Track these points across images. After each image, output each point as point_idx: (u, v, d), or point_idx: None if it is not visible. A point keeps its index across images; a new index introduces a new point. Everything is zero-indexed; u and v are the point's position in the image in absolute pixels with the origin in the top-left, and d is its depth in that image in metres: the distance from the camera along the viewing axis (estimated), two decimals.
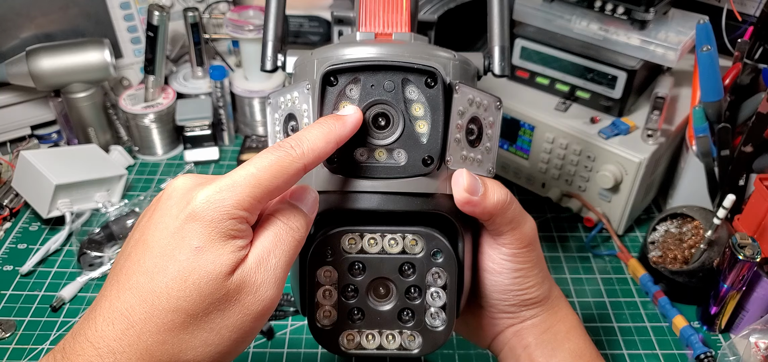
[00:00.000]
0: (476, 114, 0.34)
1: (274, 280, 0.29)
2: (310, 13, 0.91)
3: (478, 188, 0.33)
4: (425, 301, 0.35)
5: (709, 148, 0.59)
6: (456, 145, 0.34)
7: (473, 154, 0.35)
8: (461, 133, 0.34)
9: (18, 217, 0.69)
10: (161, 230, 0.28)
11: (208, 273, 0.27)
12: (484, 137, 0.35)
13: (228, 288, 0.27)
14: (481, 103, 0.35)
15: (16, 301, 0.58)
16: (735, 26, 0.71)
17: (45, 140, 0.80)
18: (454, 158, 0.34)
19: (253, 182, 0.28)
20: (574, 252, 0.66)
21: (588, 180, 0.66)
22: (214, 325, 0.27)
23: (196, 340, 0.27)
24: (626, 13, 0.62)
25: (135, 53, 0.84)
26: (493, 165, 0.36)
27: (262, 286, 0.28)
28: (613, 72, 0.64)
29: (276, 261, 0.29)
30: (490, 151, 0.36)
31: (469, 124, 0.34)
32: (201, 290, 0.27)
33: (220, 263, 0.27)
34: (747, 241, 0.51)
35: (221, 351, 0.28)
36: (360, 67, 0.32)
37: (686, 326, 0.55)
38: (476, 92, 0.34)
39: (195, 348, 0.27)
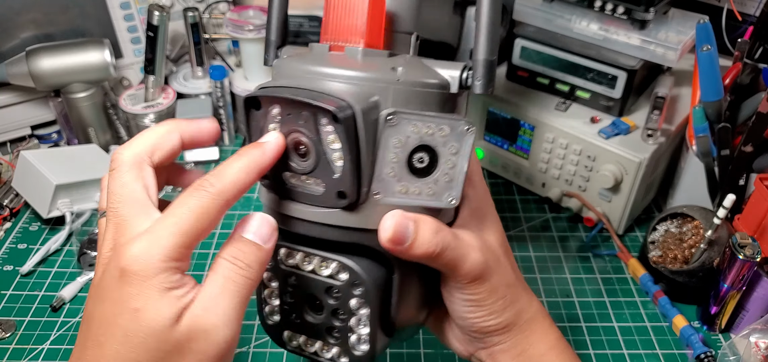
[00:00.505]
0: (428, 142, 0.32)
1: (226, 322, 0.28)
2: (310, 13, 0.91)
3: (406, 236, 0.31)
4: (349, 325, 0.35)
5: (709, 148, 0.59)
6: (391, 178, 0.32)
7: (420, 186, 0.32)
8: (400, 165, 0.32)
9: (18, 217, 0.69)
10: (102, 301, 0.28)
11: (152, 329, 0.27)
12: (441, 166, 0.32)
13: (176, 338, 0.27)
14: (434, 130, 0.31)
15: (17, 301, 0.58)
16: (735, 26, 0.71)
17: (45, 140, 0.80)
18: (389, 191, 0.32)
19: (176, 231, 0.27)
20: (574, 252, 0.66)
21: (588, 180, 0.66)
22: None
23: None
24: (626, 13, 0.62)
25: (135, 53, 0.84)
26: (456, 195, 0.32)
27: (214, 330, 0.28)
28: (613, 72, 0.64)
29: (226, 303, 0.29)
30: (453, 180, 0.32)
31: (416, 153, 0.32)
32: (148, 347, 0.27)
33: (161, 316, 0.27)
34: (747, 241, 0.51)
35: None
36: (271, 97, 0.32)
37: (686, 326, 0.55)
38: (427, 120, 0.31)
39: None
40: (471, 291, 0.35)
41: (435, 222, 0.33)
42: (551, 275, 0.63)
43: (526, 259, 0.64)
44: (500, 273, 0.36)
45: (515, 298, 0.38)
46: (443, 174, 0.32)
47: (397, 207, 0.32)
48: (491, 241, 0.37)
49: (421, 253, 0.32)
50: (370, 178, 0.32)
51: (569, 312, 0.58)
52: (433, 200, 0.32)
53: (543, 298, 0.60)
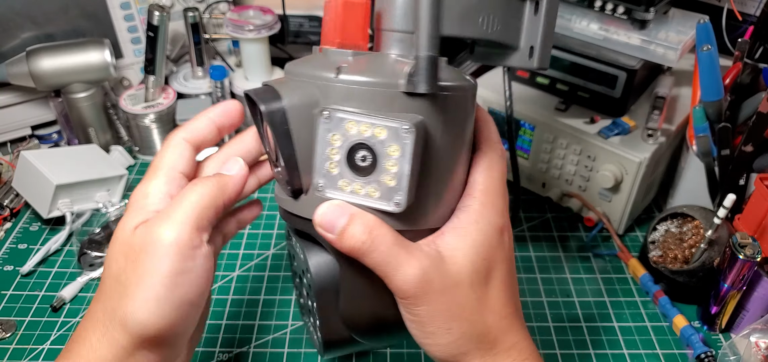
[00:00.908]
0: (365, 141, 0.31)
1: (173, 225, 0.32)
2: (310, 13, 0.91)
3: (335, 225, 0.32)
4: (314, 309, 0.38)
5: (710, 148, 0.59)
6: (333, 173, 0.32)
7: (362, 184, 0.32)
8: (341, 161, 0.32)
9: (18, 217, 0.69)
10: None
11: (116, 237, 0.34)
12: (382, 167, 0.31)
13: (132, 240, 0.33)
14: (371, 129, 0.31)
15: (17, 301, 0.58)
16: (735, 26, 0.71)
17: (45, 140, 0.80)
18: (332, 185, 0.33)
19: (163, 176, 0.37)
20: (575, 252, 0.66)
21: (588, 179, 0.66)
22: (136, 274, 0.32)
23: (139, 308, 0.31)
24: (626, 13, 0.62)
25: (135, 53, 0.84)
26: (402, 199, 0.31)
27: (162, 232, 0.32)
28: (614, 72, 0.64)
29: (176, 212, 0.33)
30: (400, 181, 0.31)
31: (356, 152, 0.32)
32: (112, 250, 0.34)
33: (124, 228, 0.34)
34: (747, 241, 0.51)
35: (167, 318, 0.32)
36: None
37: (687, 326, 0.55)
38: (363, 118, 0.31)
39: (135, 305, 0.32)
40: (407, 309, 0.33)
41: (375, 223, 0.32)
42: (551, 275, 0.63)
43: (526, 259, 0.64)
44: (446, 302, 0.33)
45: (474, 335, 0.34)
46: (388, 175, 0.31)
47: (347, 203, 0.33)
48: (456, 266, 0.33)
49: (347, 247, 0.32)
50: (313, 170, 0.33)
51: (569, 312, 0.58)
52: (381, 202, 0.32)
53: (543, 298, 0.60)
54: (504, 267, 0.35)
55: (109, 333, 0.32)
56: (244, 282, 0.61)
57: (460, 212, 0.35)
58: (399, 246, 0.32)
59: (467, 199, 0.35)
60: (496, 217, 0.35)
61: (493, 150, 0.37)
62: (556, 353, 0.54)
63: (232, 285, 0.60)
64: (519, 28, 0.39)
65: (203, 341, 0.54)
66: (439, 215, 0.35)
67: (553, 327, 0.57)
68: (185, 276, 0.32)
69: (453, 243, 0.34)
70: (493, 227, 0.35)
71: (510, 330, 0.35)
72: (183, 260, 0.32)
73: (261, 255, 0.64)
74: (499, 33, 0.37)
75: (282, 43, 0.91)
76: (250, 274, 0.62)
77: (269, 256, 0.64)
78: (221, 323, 0.56)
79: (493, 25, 0.37)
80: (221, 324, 0.56)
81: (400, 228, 0.33)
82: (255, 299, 0.59)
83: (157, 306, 0.32)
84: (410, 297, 0.33)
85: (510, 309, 0.36)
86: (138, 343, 0.32)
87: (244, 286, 0.60)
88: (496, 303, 0.35)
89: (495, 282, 0.35)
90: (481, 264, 0.34)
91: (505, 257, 0.35)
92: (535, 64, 0.38)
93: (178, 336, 0.34)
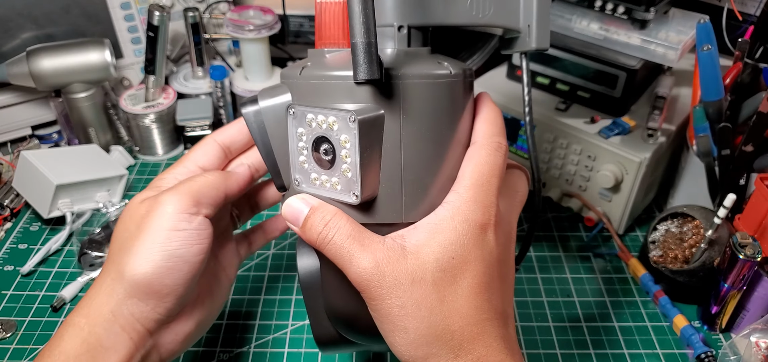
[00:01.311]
0: (324, 134, 0.31)
1: (171, 201, 0.37)
2: (310, 13, 0.91)
3: (298, 218, 0.33)
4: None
5: (710, 148, 0.59)
6: (306, 168, 0.33)
7: (327, 177, 0.33)
8: (310, 156, 0.33)
9: (19, 217, 0.69)
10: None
11: (127, 208, 0.39)
12: (339, 158, 0.31)
13: (139, 209, 0.38)
14: (326, 121, 0.31)
15: (17, 301, 0.58)
16: (735, 25, 0.71)
17: (46, 140, 0.80)
18: (306, 180, 0.33)
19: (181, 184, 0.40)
20: (575, 252, 0.66)
21: (588, 179, 0.66)
22: (138, 234, 0.37)
23: (135, 258, 0.36)
24: (626, 13, 0.62)
25: (135, 53, 0.84)
26: (357, 190, 0.31)
27: (163, 204, 0.37)
28: (614, 71, 0.64)
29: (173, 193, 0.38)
30: (351, 173, 0.31)
31: (319, 145, 0.32)
32: (122, 218, 0.39)
33: (135, 200, 0.39)
34: (748, 241, 0.51)
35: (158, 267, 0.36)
36: None
37: (687, 325, 0.54)
38: (318, 111, 0.31)
39: (131, 257, 0.36)
40: (367, 303, 0.33)
41: (332, 215, 0.32)
42: (552, 275, 0.63)
43: (526, 259, 0.64)
44: (401, 298, 0.31)
45: (432, 337, 0.31)
46: (346, 166, 0.31)
47: (318, 197, 0.34)
48: (417, 262, 0.31)
49: (308, 238, 0.33)
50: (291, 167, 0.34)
51: (570, 312, 0.58)
52: (343, 194, 0.32)
53: (543, 298, 0.60)
54: (479, 268, 0.32)
55: (108, 285, 0.37)
56: (244, 283, 0.61)
57: (440, 207, 0.33)
58: (354, 239, 0.32)
59: (451, 194, 0.33)
60: (477, 214, 0.32)
61: (487, 142, 0.34)
62: (557, 353, 0.54)
63: (233, 285, 0.60)
64: (517, 8, 0.37)
65: (204, 341, 0.54)
66: (420, 209, 0.33)
67: (554, 327, 0.57)
68: (179, 233, 0.37)
69: (421, 238, 0.32)
70: (471, 224, 0.32)
71: (478, 339, 0.32)
72: (178, 221, 0.37)
73: (261, 256, 0.64)
74: (494, 16, 0.36)
75: (282, 43, 0.91)
76: (250, 274, 0.62)
77: (269, 256, 0.64)
78: (222, 323, 0.56)
79: (485, 8, 0.36)
80: (222, 323, 0.56)
81: (369, 221, 0.33)
82: (255, 299, 0.59)
83: (149, 255, 0.36)
84: (364, 289, 0.32)
85: (484, 315, 0.32)
86: (131, 291, 0.36)
87: (245, 286, 0.60)
88: (465, 306, 0.32)
89: (465, 283, 0.32)
90: (449, 262, 0.32)
91: (483, 257, 0.32)
92: (532, 44, 0.37)
93: (168, 287, 0.37)
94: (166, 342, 0.39)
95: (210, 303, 0.43)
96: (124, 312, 0.36)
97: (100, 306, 0.36)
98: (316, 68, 0.33)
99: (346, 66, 0.32)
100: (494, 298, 0.33)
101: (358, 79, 0.30)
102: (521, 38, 0.38)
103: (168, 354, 0.40)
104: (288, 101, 0.34)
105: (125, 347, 0.36)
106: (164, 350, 0.39)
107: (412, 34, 0.35)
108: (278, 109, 0.35)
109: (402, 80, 0.32)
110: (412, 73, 0.32)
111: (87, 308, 0.36)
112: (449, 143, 0.34)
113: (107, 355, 0.35)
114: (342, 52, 0.35)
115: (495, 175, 0.34)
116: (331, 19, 0.36)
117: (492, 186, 0.33)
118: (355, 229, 0.32)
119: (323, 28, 0.36)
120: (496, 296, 0.34)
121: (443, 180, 0.34)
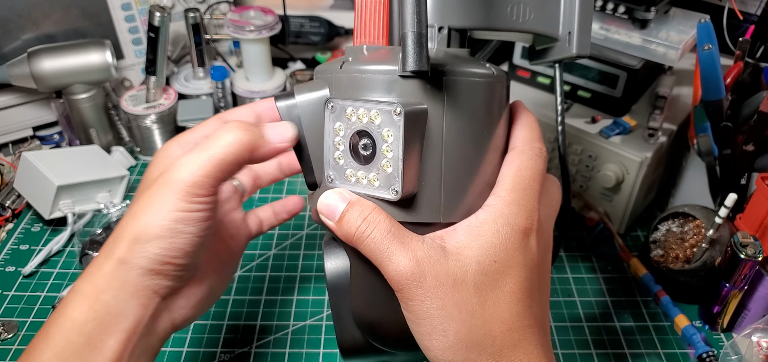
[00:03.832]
0: (365, 128, 0.31)
1: (188, 170, 0.33)
2: (311, 13, 0.91)
3: (334, 213, 0.32)
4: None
5: (711, 147, 0.59)
6: (341, 164, 0.32)
7: (365, 173, 0.32)
8: (346, 151, 0.32)
9: (20, 218, 0.69)
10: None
11: (146, 173, 0.38)
12: (380, 153, 0.31)
13: (152, 175, 0.36)
14: (368, 114, 0.31)
15: (19, 302, 0.58)
16: (736, 25, 0.71)
17: (47, 141, 0.80)
18: (340, 177, 0.33)
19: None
20: (576, 252, 0.66)
21: (589, 179, 0.66)
22: (150, 206, 0.33)
23: (135, 215, 0.34)
24: (627, 13, 0.62)
25: (136, 54, 0.84)
26: (398, 186, 0.31)
27: (176, 173, 0.34)
28: (615, 71, 0.63)
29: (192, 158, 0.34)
30: (396, 167, 0.30)
31: (357, 139, 0.32)
32: (143, 182, 0.37)
33: (150, 170, 0.37)
34: (749, 240, 0.50)
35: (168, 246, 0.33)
36: None
37: (688, 325, 0.54)
38: (360, 105, 0.31)
39: (136, 220, 0.34)
40: (403, 303, 0.32)
41: (372, 210, 0.31)
42: (553, 275, 0.63)
43: None
44: (441, 299, 0.30)
45: (472, 342, 0.31)
46: (386, 161, 0.31)
47: (350, 191, 0.33)
48: (459, 264, 0.31)
49: (344, 233, 0.32)
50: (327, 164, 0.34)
51: (571, 312, 0.58)
52: (381, 190, 0.32)
53: None
54: (522, 274, 0.32)
55: (109, 248, 0.34)
56: (245, 283, 0.61)
57: (481, 210, 0.33)
58: (394, 235, 0.31)
59: (492, 197, 0.33)
60: (520, 219, 0.32)
61: (528, 147, 0.34)
62: (558, 353, 0.54)
63: (234, 285, 0.60)
64: (556, 14, 0.36)
65: (204, 341, 0.54)
66: (458, 210, 0.33)
67: (555, 327, 0.57)
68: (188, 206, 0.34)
69: (462, 239, 0.31)
70: (513, 228, 0.32)
71: (519, 346, 0.31)
72: (188, 197, 0.34)
73: (263, 256, 0.64)
74: (534, 22, 0.35)
75: (283, 44, 0.91)
76: (251, 274, 0.62)
77: (271, 257, 0.64)
78: (223, 323, 0.56)
79: (525, 14, 0.35)
80: (223, 324, 0.56)
81: (407, 219, 0.32)
82: (257, 299, 0.59)
83: (155, 215, 0.33)
84: (402, 289, 0.31)
85: (525, 321, 0.32)
86: (139, 253, 0.34)
87: (246, 287, 0.60)
88: (506, 312, 0.31)
89: (507, 288, 0.31)
90: (491, 265, 0.31)
91: (525, 263, 0.32)
92: (573, 51, 0.36)
93: (178, 250, 0.34)
94: (178, 306, 0.38)
95: (221, 268, 0.42)
96: (132, 276, 0.34)
97: (107, 273, 0.34)
98: (357, 63, 0.33)
99: (388, 61, 0.32)
100: (534, 305, 0.33)
101: (407, 69, 0.29)
102: (559, 45, 0.37)
103: (181, 319, 0.38)
104: (326, 95, 0.34)
105: (134, 313, 0.34)
106: (177, 315, 0.38)
107: (451, 36, 0.35)
108: (315, 103, 0.34)
109: (448, 76, 0.31)
110: (458, 70, 0.32)
111: (93, 275, 0.34)
112: (488, 145, 0.34)
113: (116, 321, 0.33)
114: (381, 48, 0.35)
115: (536, 180, 0.33)
116: (371, 16, 0.35)
117: (534, 191, 0.33)
118: (394, 226, 0.31)
119: (362, 24, 0.35)
120: (536, 303, 0.33)
121: (481, 182, 0.34)
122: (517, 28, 0.35)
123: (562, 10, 0.36)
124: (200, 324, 0.56)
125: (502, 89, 0.34)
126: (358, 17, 0.35)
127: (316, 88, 0.34)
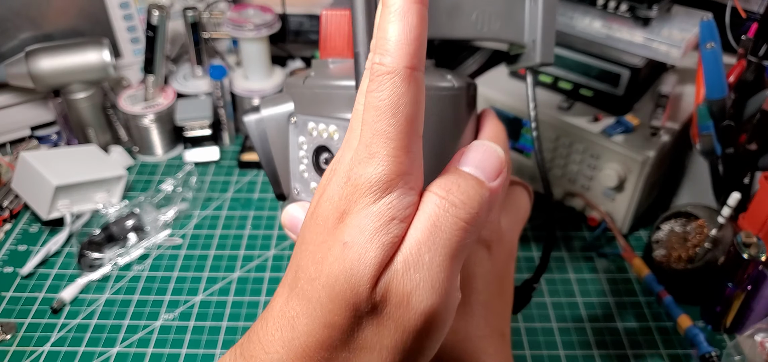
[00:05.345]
0: (325, 143, 0.31)
1: (429, 285, 0.22)
2: (310, 13, 0.90)
3: (297, 225, 0.32)
4: None
5: (714, 146, 0.58)
6: (306, 177, 0.33)
7: None
8: (310, 165, 0.32)
9: (18, 219, 0.68)
10: (317, 221, 0.23)
11: (351, 284, 0.21)
12: None
13: (374, 299, 0.22)
14: (327, 130, 0.31)
15: (17, 303, 0.58)
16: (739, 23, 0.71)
17: (45, 141, 0.80)
18: (306, 189, 0.33)
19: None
20: (578, 252, 0.65)
21: (592, 178, 0.65)
22: (372, 345, 0.22)
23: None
24: (629, 11, 0.61)
25: (134, 53, 0.83)
26: None
27: (414, 294, 0.21)
28: (617, 70, 0.63)
29: (430, 257, 0.22)
30: None
31: (319, 154, 0.32)
32: (347, 302, 0.22)
33: (364, 266, 0.21)
34: (752, 240, 0.50)
35: None
36: None
37: (691, 325, 0.54)
38: (320, 120, 0.31)
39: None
40: None
41: None
42: (555, 275, 0.62)
43: (528, 259, 0.64)
44: None
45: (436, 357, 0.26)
46: None
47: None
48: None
49: None
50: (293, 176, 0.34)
51: (573, 312, 0.58)
52: None
53: (546, 298, 0.59)
54: (477, 286, 0.31)
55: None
56: (244, 284, 0.60)
57: None
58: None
59: None
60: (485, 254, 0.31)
61: None
62: (560, 353, 0.54)
63: (233, 286, 0.60)
64: (522, 23, 0.37)
65: (204, 341, 0.54)
66: None
67: (557, 327, 0.56)
68: None
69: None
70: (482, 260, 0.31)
71: (475, 357, 0.30)
72: None
73: (261, 257, 0.64)
74: (499, 30, 0.35)
75: (282, 42, 0.90)
76: (250, 275, 0.62)
77: (270, 257, 0.64)
78: (222, 324, 0.56)
79: (491, 23, 0.35)
80: (222, 325, 0.56)
81: None
82: (255, 300, 0.59)
83: None
84: None
85: (480, 332, 0.31)
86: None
87: (245, 288, 0.60)
88: (461, 324, 0.30)
89: (461, 300, 0.28)
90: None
91: (481, 275, 0.31)
92: (537, 59, 0.36)
93: None
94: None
95: None
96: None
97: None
98: (320, 78, 0.33)
99: (350, 76, 0.32)
100: (491, 316, 0.32)
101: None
102: (526, 54, 0.38)
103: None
104: (290, 110, 0.34)
105: None
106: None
107: None
108: (280, 117, 0.34)
109: None
110: None
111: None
112: (450, 157, 0.34)
113: None
114: (346, 62, 0.35)
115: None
116: (336, 30, 0.35)
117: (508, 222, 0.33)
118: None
119: (328, 39, 0.35)
120: (494, 314, 0.32)
121: None
122: (482, 36, 0.35)
123: (527, 19, 0.37)
124: (200, 325, 0.56)
125: (463, 101, 0.34)
126: (323, 31, 0.35)
127: (281, 102, 0.35)
